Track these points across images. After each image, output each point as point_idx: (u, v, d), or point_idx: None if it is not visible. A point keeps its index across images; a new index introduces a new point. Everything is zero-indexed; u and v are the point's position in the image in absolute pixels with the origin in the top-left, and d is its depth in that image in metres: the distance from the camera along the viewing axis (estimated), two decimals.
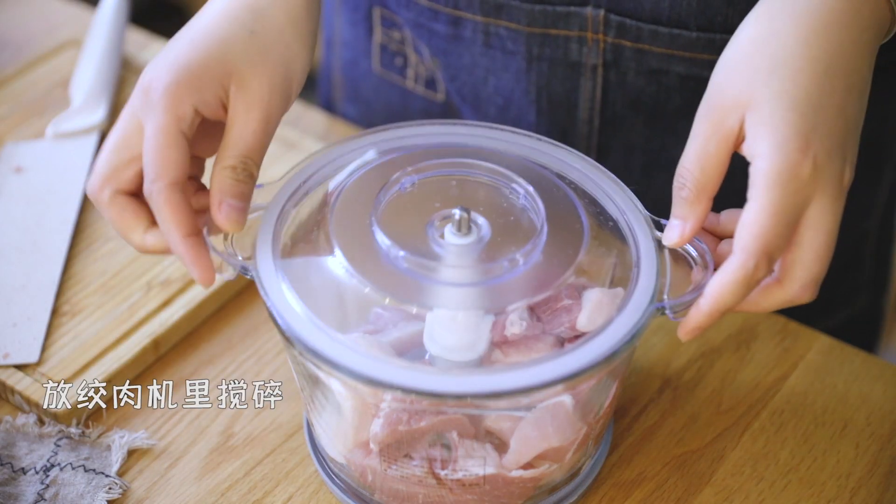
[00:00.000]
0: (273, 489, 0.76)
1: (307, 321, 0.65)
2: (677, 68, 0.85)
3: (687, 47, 0.83)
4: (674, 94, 0.87)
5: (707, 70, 0.85)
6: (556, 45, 0.87)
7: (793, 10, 0.65)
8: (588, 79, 0.88)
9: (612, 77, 0.87)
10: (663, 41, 0.84)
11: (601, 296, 0.68)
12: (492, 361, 0.69)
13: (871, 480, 0.76)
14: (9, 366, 0.80)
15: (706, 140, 0.65)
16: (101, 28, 1.05)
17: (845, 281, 0.97)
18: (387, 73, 1.00)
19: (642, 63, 0.86)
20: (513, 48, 0.88)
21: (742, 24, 0.67)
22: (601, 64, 0.86)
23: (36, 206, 0.92)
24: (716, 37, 0.82)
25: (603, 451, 0.76)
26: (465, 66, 0.92)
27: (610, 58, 0.86)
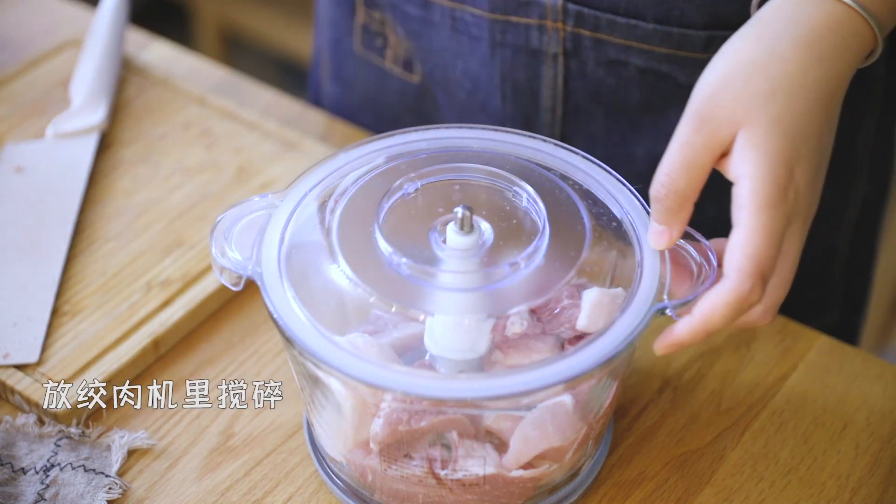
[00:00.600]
0: (273, 489, 0.76)
1: (308, 324, 0.66)
2: (635, 61, 0.86)
3: (644, 39, 0.84)
4: (633, 88, 0.88)
5: (665, 64, 0.86)
6: (517, 32, 0.88)
7: (794, 37, 0.66)
8: (549, 67, 0.89)
9: (573, 66, 0.88)
10: (621, 32, 0.85)
11: (601, 296, 0.68)
12: (492, 362, 0.69)
13: (871, 480, 0.76)
14: (9, 366, 0.80)
15: (695, 150, 0.65)
16: (101, 28, 1.05)
17: (814, 293, 0.98)
18: (367, 53, 1.01)
19: (601, 53, 0.86)
20: (478, 33, 0.90)
21: (740, 40, 0.67)
22: (562, 53, 0.88)
23: (36, 206, 0.92)
24: (672, 30, 0.83)
25: (603, 451, 0.76)
26: (436, 50, 0.94)
27: (570, 47, 0.87)
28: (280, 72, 2.43)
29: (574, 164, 0.74)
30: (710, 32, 0.82)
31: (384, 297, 0.67)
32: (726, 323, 0.64)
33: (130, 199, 0.94)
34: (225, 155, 0.98)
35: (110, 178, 0.96)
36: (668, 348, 0.66)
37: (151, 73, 1.06)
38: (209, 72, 1.08)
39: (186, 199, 0.94)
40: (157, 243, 0.90)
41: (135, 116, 1.02)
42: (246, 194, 0.94)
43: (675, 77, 0.86)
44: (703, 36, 0.83)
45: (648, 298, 0.67)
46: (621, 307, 0.67)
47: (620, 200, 0.72)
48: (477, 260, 0.68)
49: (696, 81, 0.77)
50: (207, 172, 0.97)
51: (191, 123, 1.01)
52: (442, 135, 0.76)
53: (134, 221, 0.92)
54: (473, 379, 0.66)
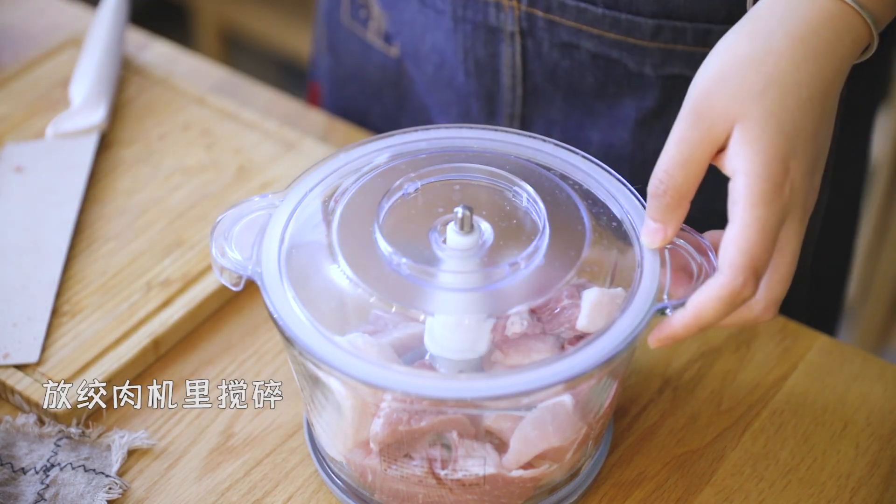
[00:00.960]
0: (273, 489, 0.76)
1: (308, 324, 0.66)
2: (586, 44, 0.87)
3: (594, 23, 0.85)
4: (587, 72, 0.88)
5: (615, 50, 0.86)
6: (476, 7, 0.89)
7: (788, 33, 0.66)
8: (507, 45, 0.89)
9: (530, 46, 0.89)
10: (571, 14, 0.85)
11: (600, 296, 0.68)
12: (492, 362, 0.69)
13: (871, 480, 0.76)
14: (9, 366, 0.80)
15: (692, 146, 0.65)
16: (101, 28, 1.05)
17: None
18: (353, 24, 1.02)
19: (554, 34, 0.87)
20: (442, 7, 0.91)
21: (734, 35, 0.67)
22: (518, 32, 0.88)
23: (36, 206, 0.92)
24: (621, 16, 0.84)
25: (603, 451, 0.77)
26: (407, 22, 0.95)
27: (525, 26, 0.88)
28: (280, 72, 2.43)
29: (574, 164, 0.74)
30: (658, 21, 0.83)
31: (384, 297, 0.67)
32: (719, 317, 0.64)
33: (130, 199, 0.94)
34: (225, 155, 0.98)
35: (110, 178, 0.96)
36: (661, 341, 0.66)
37: (151, 73, 1.06)
38: (209, 72, 1.08)
39: (186, 199, 0.94)
40: (157, 243, 0.90)
41: (135, 116, 1.02)
42: (246, 194, 0.94)
43: (625, 64, 0.86)
44: (651, 24, 0.83)
45: (648, 298, 0.67)
46: (621, 307, 0.67)
47: (620, 200, 0.72)
48: (477, 260, 0.68)
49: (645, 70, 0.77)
50: (207, 172, 0.97)
51: (191, 123, 1.01)
52: (442, 135, 0.76)
53: (134, 221, 0.92)
54: (473, 379, 0.66)
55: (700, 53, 0.82)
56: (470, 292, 0.67)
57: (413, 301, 0.67)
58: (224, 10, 2.31)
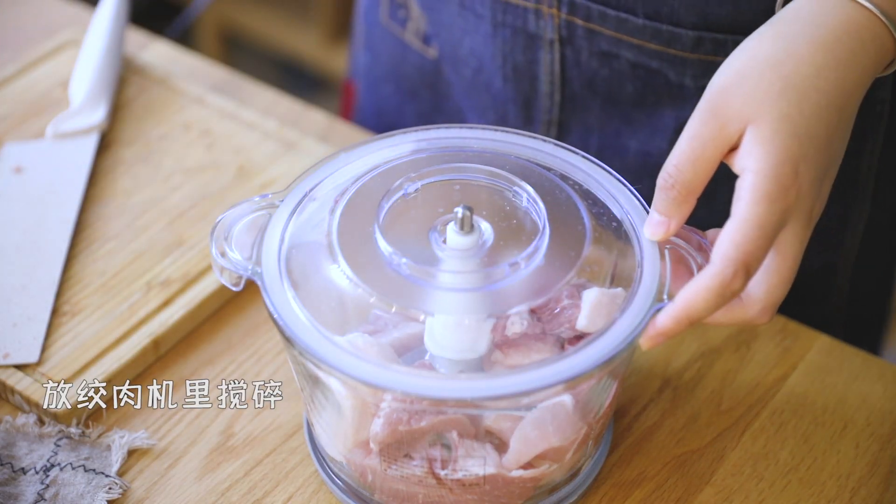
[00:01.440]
0: (273, 489, 0.76)
1: (308, 324, 0.66)
2: (626, 54, 0.86)
3: (634, 33, 0.84)
4: (626, 82, 0.88)
5: (656, 60, 0.86)
6: (516, 13, 0.89)
7: (811, 39, 0.66)
8: (546, 52, 0.89)
9: (568, 54, 0.89)
10: (611, 24, 0.85)
11: (600, 296, 0.68)
12: (492, 362, 0.69)
13: (871, 480, 0.76)
14: (9, 366, 0.80)
15: (704, 143, 0.65)
16: (100, 28, 1.05)
17: (812, 311, 0.97)
18: (391, 24, 1.02)
19: (594, 43, 0.87)
20: (481, 11, 0.91)
21: (758, 37, 0.67)
22: (557, 39, 0.88)
23: (36, 206, 0.92)
24: (661, 27, 0.83)
25: (603, 451, 0.77)
26: (446, 25, 0.95)
27: (565, 34, 0.87)
28: (280, 72, 2.43)
29: (574, 164, 0.74)
30: (699, 33, 0.82)
31: (384, 297, 0.67)
32: (708, 309, 0.64)
33: (130, 199, 0.94)
34: (225, 155, 0.98)
35: (110, 178, 0.96)
36: (653, 339, 0.66)
37: (151, 73, 1.06)
38: (209, 72, 1.08)
39: (186, 199, 0.94)
40: (157, 243, 0.90)
41: (135, 116, 1.02)
42: (246, 194, 0.94)
43: (666, 74, 0.86)
44: (692, 36, 0.83)
45: (648, 298, 0.67)
46: (621, 307, 0.67)
47: (620, 200, 0.72)
48: (477, 260, 0.68)
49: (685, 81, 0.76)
50: (207, 172, 0.97)
51: (191, 123, 1.01)
52: (442, 135, 0.76)
53: (134, 221, 0.92)
54: (473, 379, 0.66)
55: None
56: (470, 292, 0.67)
57: (413, 301, 0.67)
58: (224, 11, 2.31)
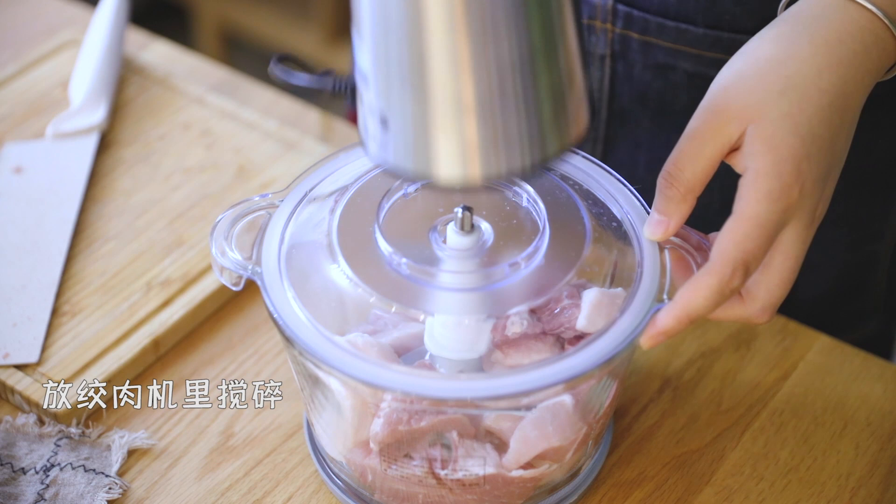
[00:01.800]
0: (273, 489, 0.76)
1: (308, 324, 0.66)
2: (684, 64, 0.85)
3: (693, 43, 0.83)
4: (681, 92, 0.87)
5: (714, 69, 0.85)
6: None
7: (812, 39, 0.66)
8: (596, 69, 0.88)
9: (620, 69, 0.87)
10: (670, 35, 0.84)
11: (600, 296, 0.68)
12: (492, 362, 0.69)
13: (871, 480, 0.76)
14: (9, 366, 0.80)
15: (704, 142, 0.65)
16: (100, 28, 1.05)
17: (854, 303, 0.97)
18: None
19: (649, 56, 0.86)
20: None
21: (759, 39, 0.67)
22: (609, 55, 0.87)
23: (36, 206, 0.92)
24: (723, 35, 0.82)
25: (603, 451, 0.76)
26: None
27: (618, 48, 0.86)
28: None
29: (574, 164, 0.74)
30: None
31: (384, 297, 0.67)
32: (707, 307, 0.64)
33: (130, 199, 0.94)
34: (225, 155, 0.98)
35: (110, 178, 0.96)
36: (653, 339, 0.66)
37: (151, 73, 1.06)
38: (209, 72, 1.08)
39: (186, 199, 0.94)
40: (157, 243, 0.90)
41: (135, 116, 1.02)
42: (246, 194, 0.94)
43: None
44: None
45: (648, 298, 0.67)
46: (621, 307, 0.67)
47: (620, 200, 0.72)
48: (477, 260, 0.68)
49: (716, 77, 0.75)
50: (207, 172, 0.97)
51: (191, 123, 1.01)
52: None
53: (134, 221, 0.92)
54: (473, 379, 0.66)
55: None
56: (470, 292, 0.67)
57: (413, 301, 0.67)
58: (224, 11, 2.32)
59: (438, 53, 0.56)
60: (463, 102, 0.57)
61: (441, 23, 0.56)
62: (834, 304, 0.93)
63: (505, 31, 0.56)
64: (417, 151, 0.59)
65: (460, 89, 0.57)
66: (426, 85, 0.57)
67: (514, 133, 0.58)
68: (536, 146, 0.59)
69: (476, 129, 0.58)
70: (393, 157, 0.60)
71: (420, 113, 0.58)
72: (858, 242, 0.93)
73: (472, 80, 0.57)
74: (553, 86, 0.59)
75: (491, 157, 0.59)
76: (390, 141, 0.59)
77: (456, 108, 0.57)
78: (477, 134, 0.58)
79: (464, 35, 0.56)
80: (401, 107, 0.58)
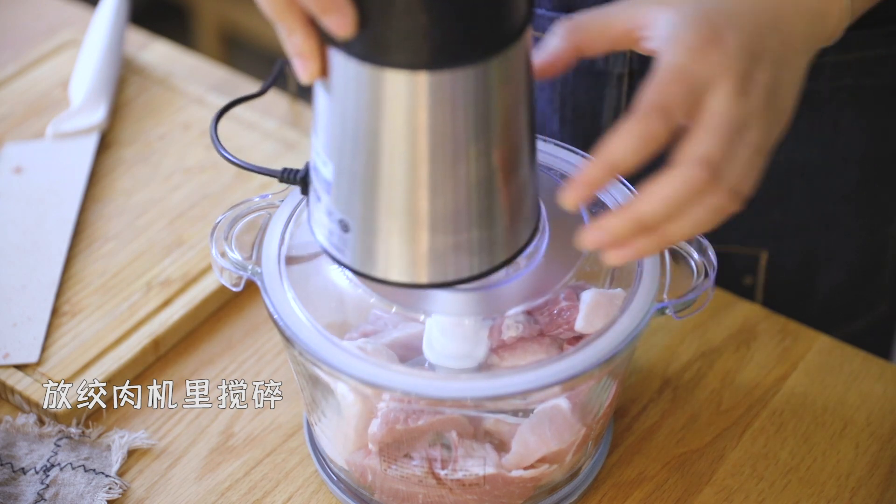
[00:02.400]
0: (273, 489, 0.76)
1: (308, 324, 0.66)
2: None
3: None
4: None
5: None
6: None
7: None
8: (613, 87, 0.87)
9: (638, 87, 0.86)
10: None
11: (599, 297, 0.68)
12: (489, 366, 0.69)
13: (871, 480, 0.76)
14: (9, 366, 0.80)
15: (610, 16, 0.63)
16: (100, 28, 1.05)
17: (868, 286, 0.98)
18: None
19: None
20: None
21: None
22: (627, 73, 0.86)
23: (36, 206, 0.92)
24: None
25: (603, 452, 0.76)
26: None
27: (636, 66, 0.85)
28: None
29: (574, 164, 0.74)
30: None
31: (384, 297, 0.67)
32: (627, 153, 0.59)
33: (130, 199, 0.94)
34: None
35: (110, 178, 0.96)
36: (575, 191, 0.60)
37: (151, 73, 1.06)
38: (209, 72, 1.08)
39: (186, 199, 0.94)
40: (157, 243, 0.90)
41: (135, 116, 1.02)
42: (246, 195, 0.94)
43: None
44: None
45: (648, 298, 0.67)
46: (621, 307, 0.67)
47: (620, 200, 0.72)
48: None
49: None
50: (207, 172, 0.97)
51: (191, 123, 1.01)
52: None
53: (134, 221, 0.92)
54: (473, 379, 0.66)
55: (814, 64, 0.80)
56: (469, 292, 0.67)
57: (413, 301, 0.67)
58: (224, 11, 2.31)
59: (402, 174, 0.59)
60: (421, 217, 0.60)
61: (405, 147, 0.58)
62: (853, 290, 0.93)
63: (465, 154, 0.59)
64: (377, 256, 0.62)
65: (420, 206, 0.60)
66: (388, 200, 0.60)
67: (467, 245, 0.62)
68: (486, 257, 0.63)
69: (430, 240, 0.61)
70: (350, 258, 0.63)
71: (381, 224, 0.61)
72: (875, 228, 0.94)
73: (431, 197, 0.60)
74: (510, 202, 0.62)
75: (441, 266, 0.62)
76: (349, 241, 0.63)
77: (414, 221, 0.60)
78: (429, 245, 0.61)
79: (425, 158, 0.59)
80: (361, 216, 0.61)
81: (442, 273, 0.62)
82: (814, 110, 0.85)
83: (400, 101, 0.57)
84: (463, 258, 0.62)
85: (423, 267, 0.62)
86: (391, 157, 0.59)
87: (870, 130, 0.88)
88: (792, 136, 0.86)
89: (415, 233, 0.61)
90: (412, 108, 0.57)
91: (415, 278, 0.62)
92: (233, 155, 0.71)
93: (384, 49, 0.56)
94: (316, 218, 0.64)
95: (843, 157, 0.89)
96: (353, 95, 0.58)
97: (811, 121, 0.86)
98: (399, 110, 0.57)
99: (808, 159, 0.88)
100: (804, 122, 0.86)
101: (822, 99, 0.85)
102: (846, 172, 0.89)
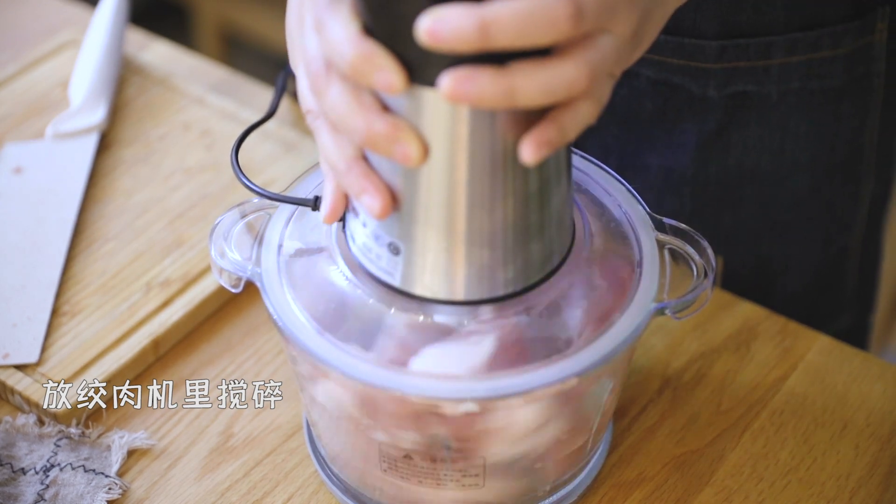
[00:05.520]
0: (273, 489, 0.76)
1: (308, 325, 0.66)
2: (647, 72, 0.85)
3: (655, 50, 0.83)
4: (645, 100, 0.87)
5: (677, 76, 0.84)
6: None
7: None
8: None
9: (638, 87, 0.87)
10: None
11: (598, 297, 0.68)
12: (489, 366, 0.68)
13: (871, 480, 0.76)
14: (9, 366, 0.80)
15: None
16: (100, 28, 1.05)
17: (825, 298, 0.97)
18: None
19: None
20: None
21: None
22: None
23: (36, 206, 0.92)
24: (684, 41, 0.82)
25: (603, 451, 0.77)
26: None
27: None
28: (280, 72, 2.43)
29: (574, 164, 0.74)
30: (722, 42, 0.82)
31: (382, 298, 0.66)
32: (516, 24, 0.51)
33: (130, 199, 0.94)
34: (225, 155, 0.98)
35: (110, 178, 0.96)
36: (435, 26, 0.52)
37: (151, 73, 1.06)
38: (209, 72, 1.08)
39: (186, 199, 0.94)
40: (157, 243, 0.90)
41: (135, 116, 1.02)
42: (246, 195, 0.94)
43: (688, 88, 0.84)
44: (716, 46, 0.82)
45: (648, 298, 0.67)
46: (621, 307, 0.67)
47: (620, 200, 0.72)
48: None
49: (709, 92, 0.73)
50: (207, 172, 0.97)
51: (191, 123, 1.01)
52: None
53: (134, 221, 0.92)
54: (473, 379, 0.66)
55: (761, 67, 0.80)
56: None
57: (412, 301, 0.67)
58: (224, 11, 2.32)
59: (448, 193, 0.60)
60: (475, 237, 0.62)
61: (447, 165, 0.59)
62: (812, 300, 0.93)
63: (514, 169, 0.60)
64: (433, 276, 0.63)
65: (476, 225, 0.61)
66: (438, 220, 0.61)
67: (524, 259, 0.64)
68: (521, 277, 0.64)
69: (490, 256, 0.63)
70: (401, 280, 0.64)
71: (437, 245, 0.62)
72: (832, 236, 0.93)
73: (483, 215, 0.61)
74: (555, 215, 0.64)
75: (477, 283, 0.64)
76: (399, 263, 0.64)
77: (469, 240, 0.62)
78: (489, 261, 0.63)
79: (471, 175, 0.60)
80: (415, 238, 0.62)
81: (499, 287, 0.64)
82: (763, 115, 0.85)
83: (442, 120, 0.58)
84: (512, 273, 0.64)
85: (475, 284, 0.63)
86: (437, 176, 0.60)
87: (818, 136, 0.87)
88: (741, 142, 0.87)
89: (469, 250, 0.62)
90: (455, 126, 0.58)
91: (469, 296, 0.64)
92: (259, 187, 0.72)
93: (426, 70, 0.56)
94: (359, 243, 0.65)
95: (793, 163, 0.88)
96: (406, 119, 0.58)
97: (760, 126, 0.86)
98: (443, 129, 0.58)
99: (758, 165, 0.88)
100: (753, 127, 0.86)
101: (771, 103, 0.85)
102: (797, 178, 0.89)
